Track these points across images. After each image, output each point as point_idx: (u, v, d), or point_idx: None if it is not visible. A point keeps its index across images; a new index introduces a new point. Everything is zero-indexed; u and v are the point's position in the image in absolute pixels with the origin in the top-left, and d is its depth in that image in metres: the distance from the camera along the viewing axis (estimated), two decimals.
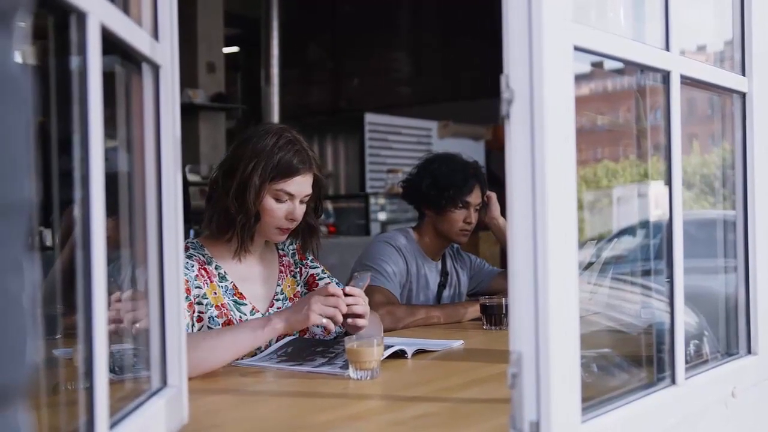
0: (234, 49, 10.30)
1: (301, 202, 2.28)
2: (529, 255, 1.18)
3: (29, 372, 0.59)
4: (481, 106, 8.92)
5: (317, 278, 2.47)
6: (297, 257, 2.47)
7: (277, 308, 2.32)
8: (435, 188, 3.00)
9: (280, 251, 2.44)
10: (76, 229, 1.41)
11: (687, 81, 1.60)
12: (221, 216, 2.24)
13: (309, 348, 2.14)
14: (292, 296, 2.40)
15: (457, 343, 2.37)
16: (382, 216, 7.56)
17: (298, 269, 2.46)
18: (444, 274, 3.16)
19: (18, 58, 0.58)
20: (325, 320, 2.04)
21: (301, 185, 2.25)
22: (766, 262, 1.86)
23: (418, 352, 2.20)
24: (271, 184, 2.21)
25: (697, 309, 1.86)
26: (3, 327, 0.55)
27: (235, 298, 2.24)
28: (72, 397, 1.32)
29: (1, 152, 0.55)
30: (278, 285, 2.38)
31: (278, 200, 2.23)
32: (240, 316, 2.22)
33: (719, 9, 2.07)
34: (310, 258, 2.50)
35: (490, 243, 6.74)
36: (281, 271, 2.41)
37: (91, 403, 1.02)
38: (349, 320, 2.13)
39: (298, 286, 2.44)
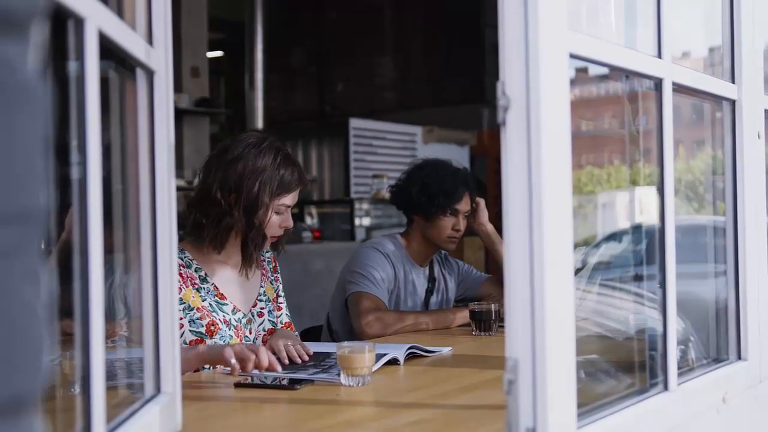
0: (218, 53, 10.29)
1: (291, 210, 2.38)
2: (525, 261, 1.19)
3: (44, 380, 0.58)
4: (466, 111, 8.96)
5: (278, 296, 2.55)
6: (271, 265, 2.54)
7: (260, 308, 2.41)
8: (425, 195, 3.00)
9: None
10: (62, 235, 1.40)
11: (678, 88, 1.61)
12: (226, 232, 2.28)
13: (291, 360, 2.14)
14: (272, 299, 2.48)
15: (446, 350, 2.38)
16: (366, 221, 7.55)
17: (274, 277, 2.53)
18: (432, 280, 3.16)
19: (34, 64, 0.58)
20: (234, 360, 1.93)
21: (296, 197, 2.36)
22: (755, 268, 1.87)
23: (411, 357, 2.21)
24: (276, 200, 2.29)
25: (683, 315, 1.87)
26: (19, 336, 0.55)
27: (216, 298, 2.30)
28: (63, 404, 1.32)
29: (17, 160, 0.54)
30: (261, 287, 2.45)
31: (278, 213, 2.32)
32: (223, 316, 2.28)
33: (708, 15, 2.08)
34: (277, 272, 2.56)
35: (474, 248, 6.76)
36: (263, 275, 2.48)
37: (87, 409, 1.01)
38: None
39: (274, 292, 2.51)
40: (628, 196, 2.12)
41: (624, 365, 1.76)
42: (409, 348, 2.23)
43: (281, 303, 2.53)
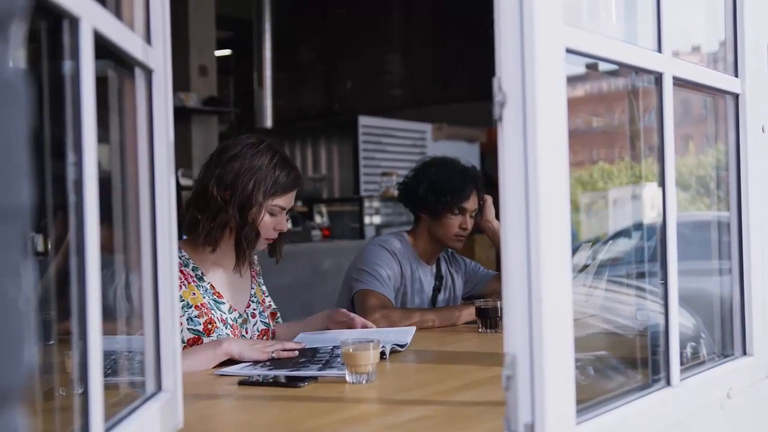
0: (226, 51, 10.29)
1: (287, 213, 2.40)
2: (522, 257, 1.19)
3: (26, 376, 0.59)
4: (475, 108, 8.93)
5: (266, 295, 2.59)
6: (258, 268, 2.58)
7: (253, 309, 2.46)
8: (432, 193, 2.99)
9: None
10: (67, 237, 1.39)
11: (679, 82, 1.60)
12: (220, 229, 2.30)
13: (291, 359, 2.14)
14: (261, 301, 2.52)
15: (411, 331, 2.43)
16: (376, 219, 7.55)
17: (261, 280, 2.58)
18: (439, 277, 3.16)
19: (14, 62, 0.58)
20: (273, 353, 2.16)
21: (292, 200, 2.39)
22: (759, 264, 1.86)
23: (415, 353, 2.22)
24: (269, 200, 2.31)
25: (694, 311, 1.86)
26: (1, 330, 0.55)
27: (215, 297, 2.34)
28: (63, 403, 1.32)
29: None
30: (252, 288, 2.50)
31: (271, 214, 2.34)
32: (220, 315, 2.32)
33: (711, 9, 2.07)
34: (260, 276, 2.59)
35: (485, 246, 6.74)
36: (253, 277, 2.53)
37: (86, 407, 1.02)
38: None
39: (263, 294, 2.56)
40: (638, 191, 2.12)
41: (628, 361, 1.75)
42: (393, 344, 2.25)
43: (269, 300, 2.58)
